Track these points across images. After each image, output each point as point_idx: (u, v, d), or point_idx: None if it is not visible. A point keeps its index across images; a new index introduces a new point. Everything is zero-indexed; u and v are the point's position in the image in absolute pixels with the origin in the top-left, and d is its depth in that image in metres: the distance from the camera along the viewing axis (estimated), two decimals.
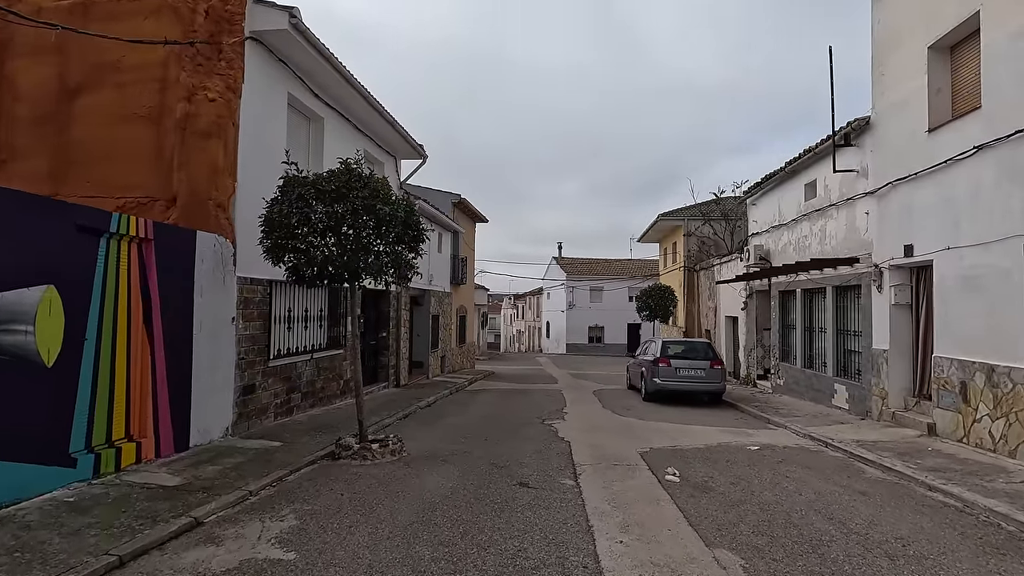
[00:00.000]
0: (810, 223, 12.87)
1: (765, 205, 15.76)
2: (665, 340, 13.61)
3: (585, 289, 43.15)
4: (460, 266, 22.01)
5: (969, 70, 8.16)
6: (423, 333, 17.56)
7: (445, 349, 19.76)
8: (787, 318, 14.52)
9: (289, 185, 6.32)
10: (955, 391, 7.98)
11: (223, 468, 6.16)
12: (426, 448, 7.65)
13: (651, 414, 11.33)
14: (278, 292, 8.98)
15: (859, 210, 10.69)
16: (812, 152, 12.20)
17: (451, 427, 9.47)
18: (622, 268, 44.13)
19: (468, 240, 24.05)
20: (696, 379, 12.80)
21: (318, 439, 7.79)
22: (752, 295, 16.85)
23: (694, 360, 12.98)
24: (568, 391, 15.65)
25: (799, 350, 13.45)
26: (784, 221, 14.31)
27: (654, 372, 13.08)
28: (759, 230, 16.12)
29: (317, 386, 10.30)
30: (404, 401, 12.07)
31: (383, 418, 9.89)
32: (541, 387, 16.80)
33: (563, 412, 11.47)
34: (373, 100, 10.87)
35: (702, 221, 24.73)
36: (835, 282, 11.60)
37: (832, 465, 7.18)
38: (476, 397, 14.07)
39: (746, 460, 7.35)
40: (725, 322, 20.17)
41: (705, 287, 22.82)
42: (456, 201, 21.21)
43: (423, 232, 7.08)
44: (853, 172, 10.77)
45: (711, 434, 9.24)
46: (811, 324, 13.13)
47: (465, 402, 13.02)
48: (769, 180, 14.98)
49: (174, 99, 7.48)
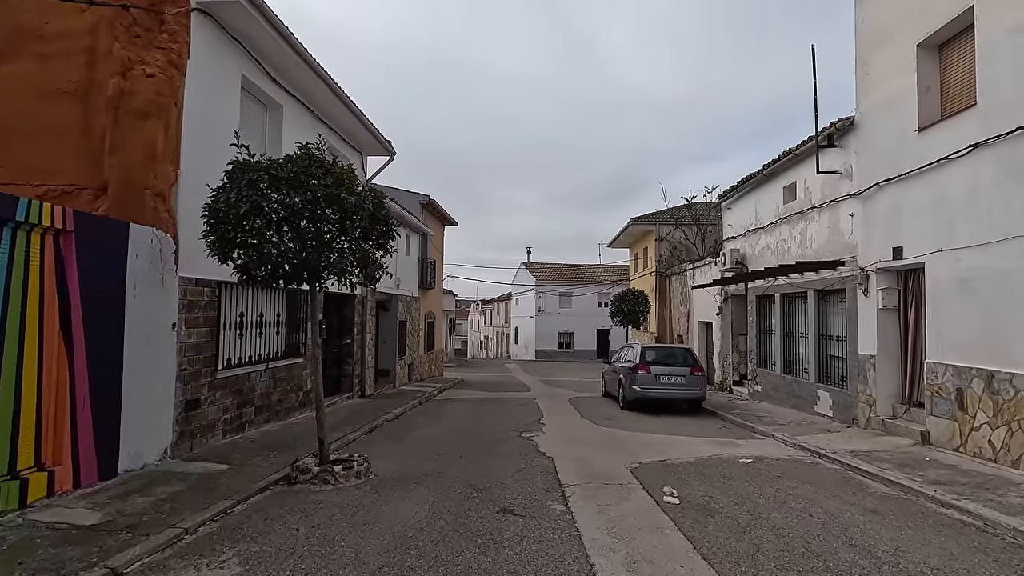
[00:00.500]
0: (789, 226, 12.64)
1: (741, 209, 15.55)
2: (644, 346, 13.16)
3: (554, 294, 42.76)
4: (429, 270, 21.19)
5: (960, 68, 7.95)
6: (390, 340, 16.67)
7: (413, 356, 18.90)
8: (765, 323, 14.29)
9: (239, 170, 5.49)
10: (950, 398, 7.69)
11: (156, 499, 5.27)
12: (396, 468, 6.87)
13: (633, 424, 10.80)
14: (228, 295, 8.06)
15: (843, 212, 10.46)
16: (792, 154, 11.98)
17: (422, 442, 8.70)
18: (591, 273, 43.96)
19: (437, 243, 23.26)
20: (677, 386, 12.37)
21: (272, 460, 6.92)
22: (728, 300, 16.62)
23: (674, 366, 12.55)
24: (543, 400, 15.03)
25: (778, 356, 13.19)
26: (761, 224, 14.09)
27: (633, 379, 12.59)
28: (735, 234, 15.91)
29: (273, 399, 9.37)
30: (370, 413, 11.22)
31: (347, 433, 9.04)
32: (514, 396, 16.13)
33: (541, 423, 10.83)
34: (337, 88, 10.06)
35: (673, 226, 24.61)
36: (817, 286, 11.35)
37: (833, 479, 6.75)
38: (447, 407, 13.29)
39: (742, 475, 6.85)
40: (698, 327, 19.95)
41: (677, 292, 22.63)
42: (425, 202, 20.42)
43: (393, 228, 6.35)
44: (836, 173, 10.54)
45: (699, 445, 8.75)
46: (791, 329, 12.89)
47: (436, 413, 12.24)
48: (745, 183, 14.77)
49: (106, 73, 6.54)
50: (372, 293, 14.39)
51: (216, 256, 5.66)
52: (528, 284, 43.72)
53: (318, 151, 5.80)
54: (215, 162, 6.44)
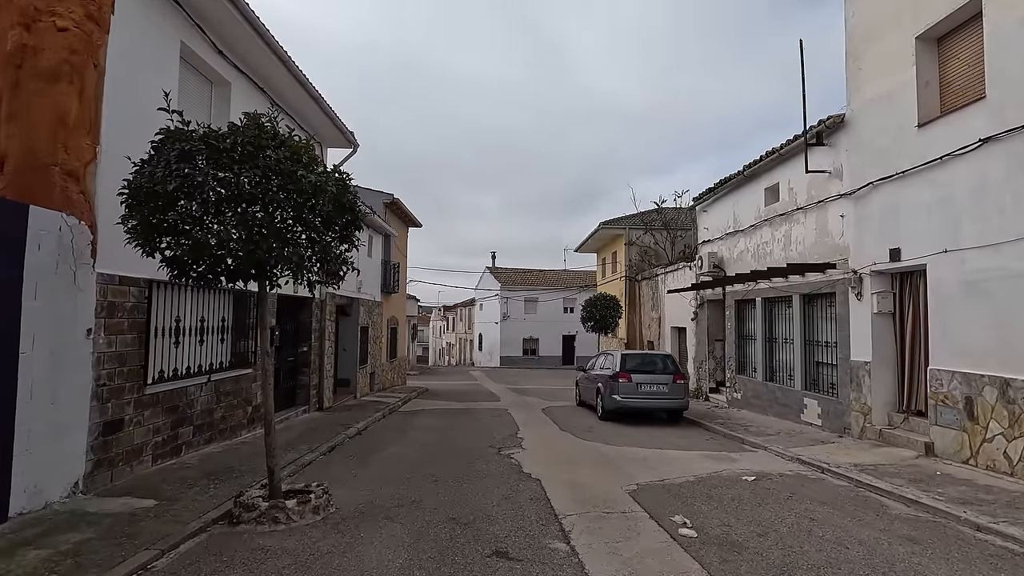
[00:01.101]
0: (772, 229, 12.26)
1: (718, 211, 15.18)
2: (624, 353, 12.51)
3: (520, 300, 42.06)
4: (392, 273, 20.09)
5: (963, 61, 7.61)
6: (350, 347, 15.51)
7: (375, 365, 17.74)
8: (744, 328, 13.89)
9: (169, 140, 4.45)
10: (958, 407, 7.27)
11: (54, 553, 4.15)
12: (361, 498, 5.89)
13: (616, 437, 10.08)
14: (162, 296, 6.90)
15: (832, 213, 10.08)
16: (776, 153, 11.60)
17: (390, 463, 7.71)
18: (557, 279, 43.50)
19: (400, 245, 22.16)
20: (659, 395, 11.75)
21: (212, 491, 5.83)
22: (703, 305, 16.21)
23: (656, 374, 11.94)
24: (515, 410, 14.18)
25: (760, 362, 12.77)
26: (741, 227, 13.71)
27: (613, 388, 11.90)
28: (711, 237, 15.53)
29: (216, 416, 8.20)
30: (329, 429, 10.11)
31: (303, 454, 7.96)
32: (484, 406, 15.22)
33: (518, 437, 9.97)
34: (294, 67, 9.01)
35: (643, 230, 24.27)
36: (804, 290, 10.95)
37: (847, 499, 6.16)
38: (414, 420, 12.27)
39: (751, 496, 6.19)
40: (671, 333, 19.54)
41: (648, 297, 22.23)
42: (388, 201, 19.34)
43: (360, 216, 5.40)
44: (825, 173, 10.17)
45: (693, 461, 8.08)
46: (773, 334, 12.49)
47: (402, 427, 11.21)
48: (723, 185, 14.39)
49: (3, 24, 5.36)
50: (332, 297, 13.26)
51: (138, 246, 4.59)
52: (493, 289, 42.87)
53: (269, 121, 4.81)
54: (146, 139, 5.33)
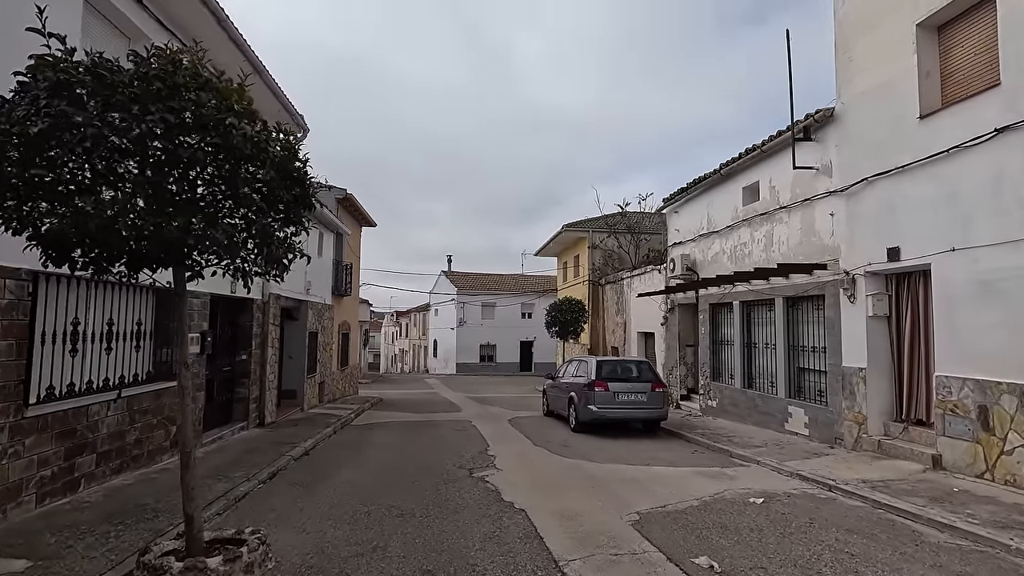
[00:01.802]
0: (751, 229, 11.77)
1: (690, 212, 14.67)
2: (600, 359, 11.67)
3: (477, 305, 40.94)
4: (344, 274, 18.66)
5: (969, 48, 7.19)
6: (297, 354, 14.05)
7: (325, 374, 16.27)
8: (720, 333, 13.36)
9: (41, 70, 3.20)
10: (970, 417, 6.77)
11: None
12: (309, 544, 4.72)
13: (596, 451, 9.20)
14: (53, 292, 5.51)
15: (820, 212, 9.60)
16: (758, 150, 11.09)
17: (344, 491, 6.52)
18: (515, 284, 42.66)
19: (353, 245, 20.73)
20: (637, 405, 10.97)
21: (113, 542, 4.53)
22: (674, 309, 15.67)
23: (633, 382, 11.16)
24: (480, 422, 13.12)
25: (737, 368, 12.23)
26: (716, 228, 13.20)
27: (588, 398, 11.04)
28: (682, 239, 15.00)
29: (129, 439, 6.78)
30: (271, 449, 8.76)
31: (237, 483, 6.65)
32: (446, 417, 14.07)
33: (490, 455, 8.93)
34: (230, 26, 7.72)
35: (607, 233, 23.76)
36: (788, 292, 10.45)
37: (874, 525, 5.46)
38: (369, 436, 11.01)
39: (770, 525, 5.40)
40: (637, 338, 18.98)
41: (612, 302, 21.67)
42: (341, 197, 17.94)
43: (312, 189, 4.27)
44: (812, 170, 9.68)
45: (687, 479, 7.28)
46: (752, 339, 11.97)
47: (356, 444, 9.94)
48: (697, 185, 13.88)
49: None
50: (276, 299, 11.84)
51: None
52: (449, 294, 41.59)
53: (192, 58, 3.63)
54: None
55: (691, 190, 14.28)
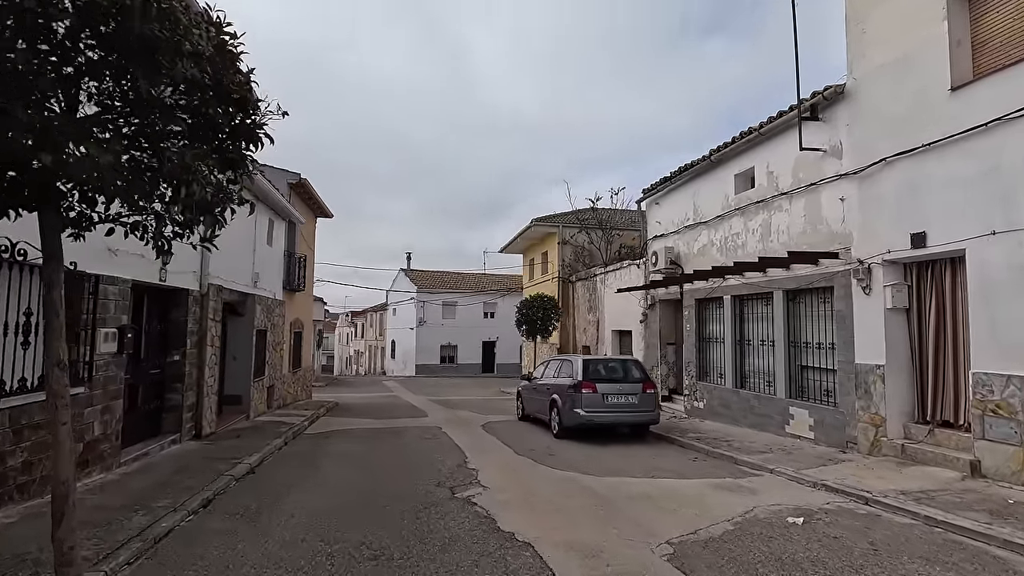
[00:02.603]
0: (744, 218, 11.03)
1: (674, 203, 13.90)
2: (586, 359, 10.65)
3: (437, 304, 39.47)
4: (297, 268, 17.03)
5: (1002, 15, 6.55)
6: (243, 355, 12.44)
7: (275, 377, 14.64)
8: (708, 330, 12.61)
9: None
10: (1016, 418, 6.08)
11: None
12: None
13: (589, 461, 8.17)
14: None
15: (827, 197, 8.89)
16: (754, 133, 10.35)
17: (298, 524, 5.22)
18: (477, 282, 41.43)
19: (308, 236, 19.07)
20: (628, 407, 10.01)
21: None
22: (655, 305, 14.88)
23: (623, 383, 10.20)
24: (451, 429, 11.90)
25: (728, 367, 11.48)
26: (704, 219, 12.45)
27: (574, 401, 10.01)
28: (665, 231, 14.22)
29: (15, 463, 5.26)
30: (207, 467, 7.31)
31: (158, 516, 5.24)
32: (412, 424, 12.76)
33: (470, 468, 7.75)
34: None
35: (578, 228, 22.91)
36: (788, 285, 9.72)
37: (947, 550, 4.62)
38: (326, 446, 9.61)
39: (829, 555, 4.47)
40: (612, 337, 18.15)
41: (584, 299, 20.80)
42: (294, 182, 16.32)
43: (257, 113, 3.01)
44: (819, 152, 8.97)
45: (705, 495, 6.33)
46: (746, 336, 11.23)
47: (312, 459, 8.56)
48: (682, 174, 13.12)
49: None
50: (218, 291, 10.28)
51: None
52: (408, 292, 39.94)
53: None
54: None
55: (675, 179, 13.51)
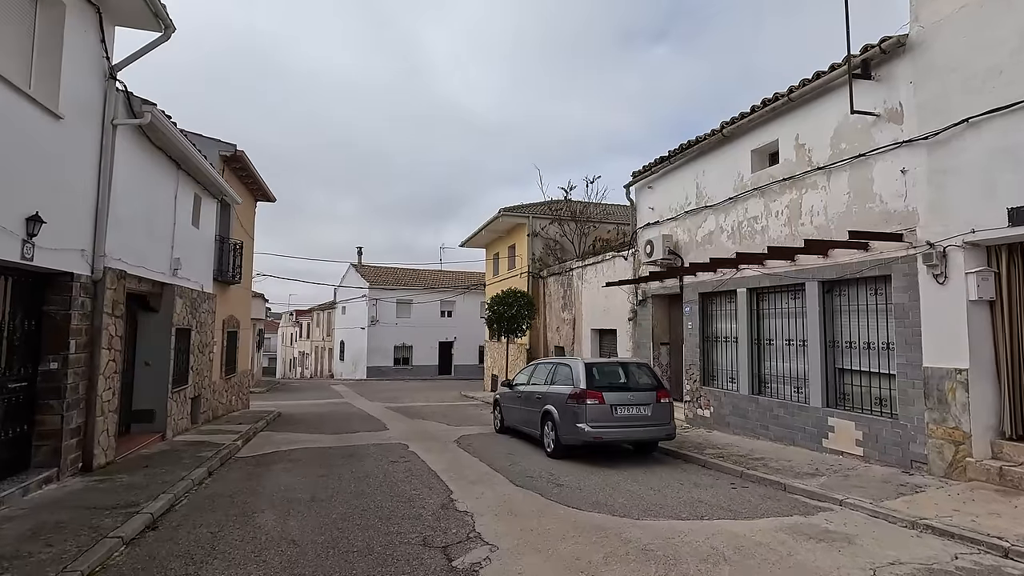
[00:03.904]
0: (765, 199, 9.60)
1: (671, 186, 12.41)
2: (589, 362, 8.87)
3: (391, 301, 36.96)
4: (232, 256, 14.51)
5: None
6: (159, 359, 10.00)
7: (202, 385, 12.16)
8: (715, 327, 11.15)
9: None
10: None
11: None
12: None
13: (609, 494, 6.42)
14: None
15: (883, 169, 7.50)
16: (782, 99, 8.91)
17: None
18: (433, 279, 39.18)
19: (246, 222, 16.49)
20: (641, 421, 8.33)
21: None
22: (646, 301, 13.35)
23: (634, 392, 8.52)
24: (419, 446, 9.90)
25: (743, 371, 10.04)
26: (711, 202, 10.98)
27: (576, 414, 8.25)
28: (660, 218, 12.71)
29: None
30: (83, 524, 5.07)
31: None
32: (372, 440, 10.66)
33: (459, 508, 5.85)
34: None
35: (550, 219, 21.27)
36: (827, 274, 8.31)
37: None
38: (265, 481, 7.43)
39: None
40: (591, 337, 16.57)
41: (557, 296, 19.16)
42: (229, 154, 13.80)
43: None
44: (872, 116, 7.59)
45: (792, 548, 4.69)
46: (766, 335, 9.80)
47: (243, 502, 6.37)
48: (683, 152, 11.62)
49: None
50: (120, 277, 7.90)
51: None
52: (360, 288, 37.23)
53: None
54: None
55: (674, 159, 12.01)
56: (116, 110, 7.64)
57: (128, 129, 8.06)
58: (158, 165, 9.35)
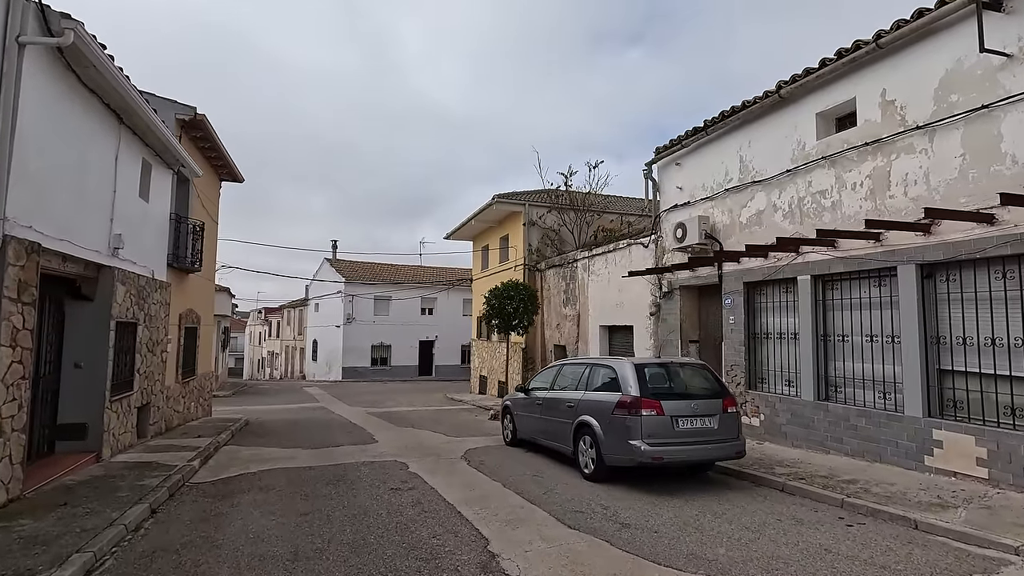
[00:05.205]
0: (837, 169, 8.12)
1: (705, 162, 10.87)
2: (639, 363, 7.17)
3: (368, 298, 34.79)
4: (191, 239, 12.39)
5: None
6: (94, 360, 7.96)
7: (152, 391, 10.09)
8: (761, 323, 9.63)
9: None
10: None
11: None
12: None
13: (697, 541, 4.78)
14: None
15: (1015, 123, 6.05)
16: (866, 47, 7.41)
17: None
18: (414, 275, 37.14)
19: (208, 202, 14.34)
20: (707, 436, 6.71)
21: None
22: (672, 293, 11.79)
23: (696, 399, 6.89)
24: (421, 465, 8.11)
25: (805, 372, 8.54)
26: (760, 176, 9.47)
27: (628, 428, 6.58)
28: (691, 199, 11.17)
29: None
30: None
31: None
32: (361, 457, 8.78)
33: (506, 571, 4.12)
34: None
35: (548, 208, 19.62)
36: (932, 255, 6.83)
37: None
38: (226, 523, 5.53)
39: None
40: (599, 334, 14.97)
41: (558, 290, 17.51)
42: (188, 118, 11.68)
43: None
44: (1003, 57, 6.13)
45: None
46: (836, 329, 8.29)
47: (197, 560, 4.47)
48: (724, 120, 10.09)
49: None
50: (30, 251, 5.90)
51: None
52: (335, 284, 34.94)
53: None
54: None
55: (710, 130, 10.46)
56: (24, 24, 5.66)
57: (43, 54, 6.06)
58: (92, 113, 7.34)
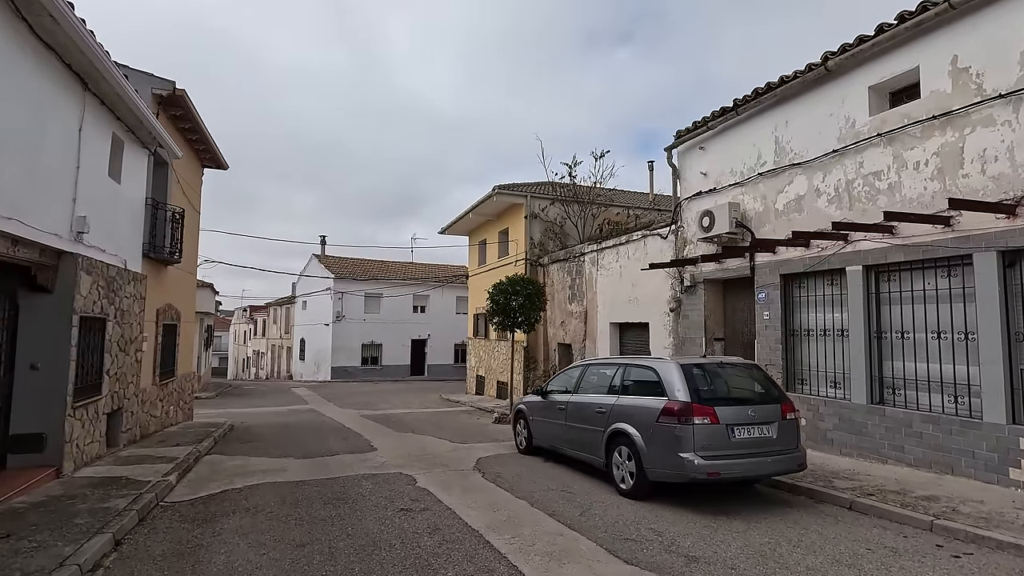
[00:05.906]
0: (895, 147, 7.30)
1: (732, 145, 10.04)
2: (685, 363, 6.23)
3: (359, 295, 33.65)
4: (170, 228, 11.29)
5: None
6: (53, 361, 6.90)
7: (124, 395, 9.02)
8: (799, 319, 8.82)
9: None
10: None
11: None
12: None
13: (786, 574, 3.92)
14: None
15: None
16: (940, 5, 6.60)
17: None
18: (405, 272, 36.06)
19: (189, 188, 13.22)
20: (766, 448, 5.84)
21: None
22: (695, 287, 10.94)
23: (752, 406, 6.01)
24: (427, 476, 7.16)
25: (857, 373, 7.73)
26: (800, 159, 8.65)
27: (679, 439, 5.69)
28: (718, 185, 10.34)
29: None
30: None
31: None
32: (360, 468, 7.79)
33: None
34: None
35: (550, 200, 18.73)
36: (1017, 241, 6.04)
37: None
38: (207, 560, 4.54)
39: None
40: (609, 332, 14.11)
41: (563, 285, 16.64)
42: (166, 93, 10.59)
43: None
44: None
45: None
46: (893, 326, 7.48)
47: None
48: (759, 98, 9.25)
49: None
50: None
51: None
52: (323, 280, 33.75)
53: None
54: None
55: (740, 109, 9.63)
56: None
57: None
58: (49, 72, 6.29)
